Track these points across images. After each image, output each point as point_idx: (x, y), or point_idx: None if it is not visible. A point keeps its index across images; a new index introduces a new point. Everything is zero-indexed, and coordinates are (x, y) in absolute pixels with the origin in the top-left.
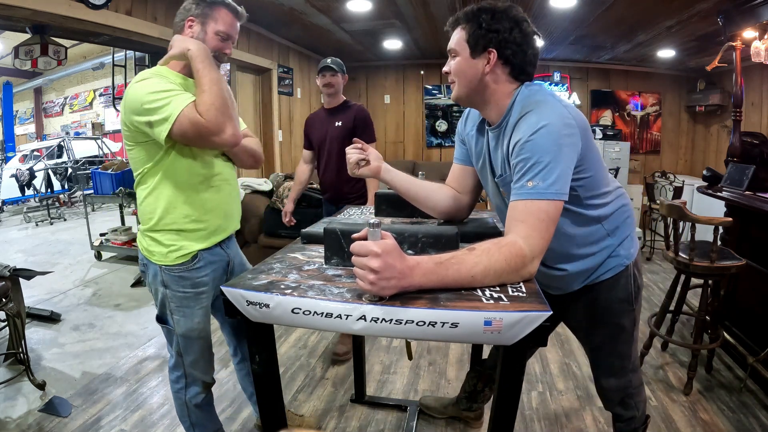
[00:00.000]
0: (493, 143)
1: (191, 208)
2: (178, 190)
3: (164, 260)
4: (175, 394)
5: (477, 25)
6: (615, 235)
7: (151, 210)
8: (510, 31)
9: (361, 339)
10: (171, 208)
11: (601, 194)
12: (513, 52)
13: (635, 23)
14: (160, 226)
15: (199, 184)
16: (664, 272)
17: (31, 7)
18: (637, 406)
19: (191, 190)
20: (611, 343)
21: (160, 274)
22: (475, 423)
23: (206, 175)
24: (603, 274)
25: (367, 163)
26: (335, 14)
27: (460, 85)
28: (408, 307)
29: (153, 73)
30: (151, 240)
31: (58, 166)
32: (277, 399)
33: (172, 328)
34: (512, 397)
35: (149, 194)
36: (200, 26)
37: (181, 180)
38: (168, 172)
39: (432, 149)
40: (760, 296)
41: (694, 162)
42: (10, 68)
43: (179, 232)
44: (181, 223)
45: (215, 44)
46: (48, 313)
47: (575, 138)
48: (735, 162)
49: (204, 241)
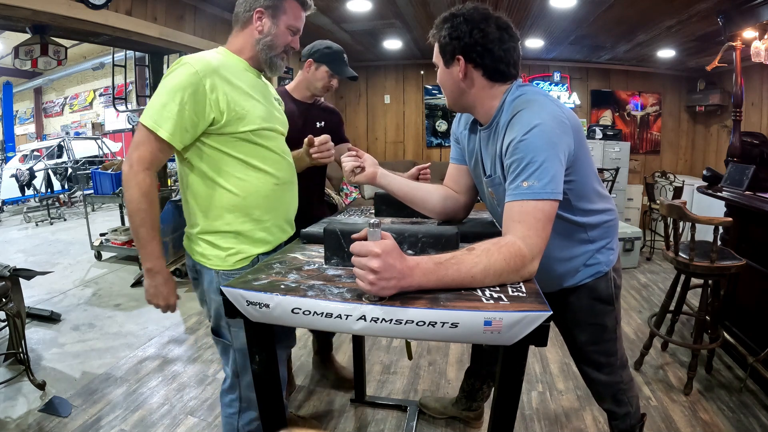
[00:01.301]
0: (484, 143)
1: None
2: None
3: (222, 264)
4: (226, 419)
5: (444, 35)
6: (595, 242)
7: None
8: (470, 35)
9: (361, 339)
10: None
11: (591, 200)
12: (478, 54)
13: (635, 23)
14: (215, 227)
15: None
16: (664, 272)
17: (31, 7)
18: (630, 401)
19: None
20: (596, 342)
21: (217, 280)
22: (475, 423)
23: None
24: (583, 279)
25: (362, 170)
26: (335, 14)
27: (446, 95)
28: (408, 307)
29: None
30: (206, 243)
31: (58, 166)
32: (277, 399)
33: (229, 342)
34: (512, 397)
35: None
36: (271, 20)
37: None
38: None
39: (432, 149)
40: (760, 296)
41: (694, 162)
42: (10, 68)
43: (237, 234)
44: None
45: (286, 39)
46: (48, 313)
47: (568, 137)
48: (735, 162)
49: (264, 245)
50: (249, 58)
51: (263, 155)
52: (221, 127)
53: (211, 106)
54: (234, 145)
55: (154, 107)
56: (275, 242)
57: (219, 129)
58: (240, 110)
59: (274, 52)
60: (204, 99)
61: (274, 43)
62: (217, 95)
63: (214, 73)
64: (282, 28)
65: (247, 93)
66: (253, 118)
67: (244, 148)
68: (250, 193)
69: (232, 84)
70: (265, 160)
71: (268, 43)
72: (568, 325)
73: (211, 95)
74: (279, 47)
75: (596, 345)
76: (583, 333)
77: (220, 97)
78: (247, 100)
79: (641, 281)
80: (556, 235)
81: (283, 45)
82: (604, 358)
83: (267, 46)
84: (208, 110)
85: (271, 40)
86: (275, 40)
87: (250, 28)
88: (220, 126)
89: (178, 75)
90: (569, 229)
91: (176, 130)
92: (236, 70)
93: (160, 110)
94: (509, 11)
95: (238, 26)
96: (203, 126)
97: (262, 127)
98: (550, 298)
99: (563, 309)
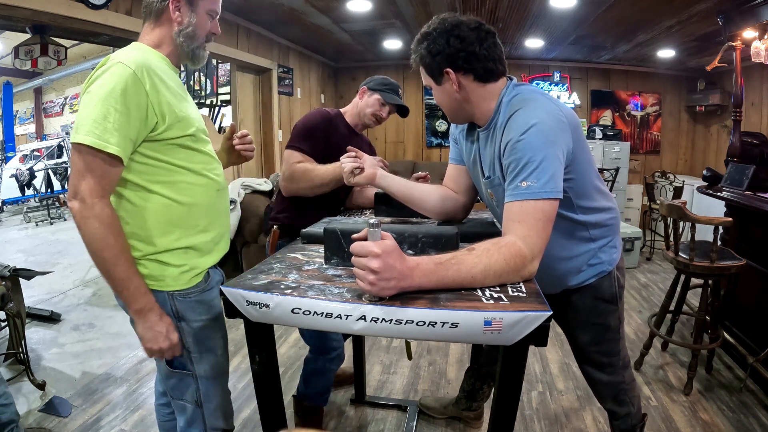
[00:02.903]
0: (483, 144)
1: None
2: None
3: (175, 284)
4: None
5: (424, 54)
6: (597, 240)
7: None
8: (449, 45)
9: (361, 339)
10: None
11: (592, 198)
12: (464, 60)
13: (635, 23)
14: (164, 245)
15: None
16: (664, 272)
17: (31, 7)
18: (632, 401)
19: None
20: (598, 342)
21: (171, 303)
22: (475, 423)
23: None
24: (587, 279)
25: (361, 171)
26: (335, 14)
27: (446, 112)
28: (408, 307)
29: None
30: (155, 264)
31: (58, 166)
32: (277, 399)
33: (190, 372)
34: (512, 397)
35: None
36: (189, 7)
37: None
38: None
39: (432, 149)
40: (760, 296)
41: (694, 162)
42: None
43: (188, 249)
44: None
45: (206, 26)
46: (48, 313)
47: (566, 134)
48: (735, 162)
49: (211, 257)
50: (168, 54)
51: (201, 160)
52: (160, 133)
53: (153, 111)
54: (172, 152)
55: (92, 120)
56: (221, 252)
57: (157, 135)
58: (179, 113)
59: (196, 42)
60: (146, 103)
61: (195, 33)
62: (158, 98)
63: (151, 72)
64: (202, 15)
65: (179, 93)
66: (191, 120)
67: (182, 153)
68: (195, 202)
69: (166, 84)
70: (204, 165)
71: (189, 34)
72: (570, 324)
73: (152, 98)
74: (201, 37)
75: (599, 345)
76: (585, 333)
77: (162, 100)
78: (181, 102)
79: (641, 281)
80: (557, 234)
81: (205, 33)
82: (607, 358)
83: (188, 37)
84: (151, 115)
85: (192, 30)
86: (196, 30)
87: (167, 20)
88: (159, 132)
89: (113, 78)
90: (571, 227)
91: (124, 143)
92: (164, 68)
93: (102, 123)
94: (509, 11)
95: (151, 19)
96: (144, 134)
97: (198, 129)
98: (553, 298)
99: (566, 309)
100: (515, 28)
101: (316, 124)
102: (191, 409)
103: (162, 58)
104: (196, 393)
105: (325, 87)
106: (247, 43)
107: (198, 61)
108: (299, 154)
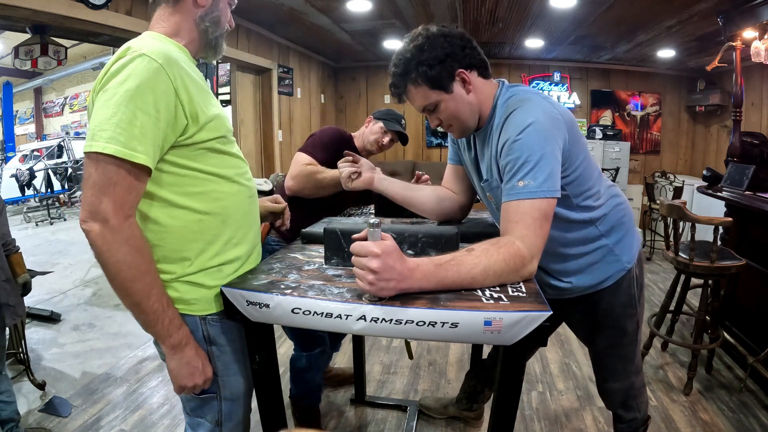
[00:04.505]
0: (480, 146)
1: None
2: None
3: (209, 308)
4: None
5: (426, 70)
6: (610, 235)
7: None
8: (449, 45)
9: (361, 339)
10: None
11: (592, 195)
12: (467, 56)
13: (635, 23)
14: (199, 265)
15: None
16: (664, 272)
17: (31, 7)
18: (639, 407)
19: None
20: (615, 346)
21: (203, 328)
22: (476, 423)
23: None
24: (604, 281)
25: (359, 176)
26: (335, 14)
27: (461, 123)
28: (408, 307)
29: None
30: (187, 286)
31: (58, 166)
32: (277, 399)
33: (215, 394)
34: (512, 397)
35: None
36: None
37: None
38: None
39: (432, 149)
40: (760, 296)
41: (694, 162)
42: (10, 68)
43: (222, 266)
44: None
45: (228, 14)
46: (48, 313)
47: (563, 133)
48: (735, 162)
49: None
50: (187, 44)
51: (232, 164)
52: (191, 136)
53: (184, 112)
54: (202, 158)
55: (114, 124)
56: (252, 265)
57: (187, 139)
58: (209, 112)
59: (220, 30)
60: (175, 103)
61: (220, 19)
62: (189, 96)
63: (178, 66)
64: (224, 4)
65: (205, 89)
66: (221, 120)
67: (213, 159)
68: (229, 213)
69: (193, 79)
70: (236, 170)
71: (215, 19)
72: (587, 329)
73: (182, 97)
74: (224, 24)
75: (615, 349)
76: (601, 337)
77: (193, 98)
78: (209, 99)
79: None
80: (566, 234)
81: (227, 21)
82: (621, 364)
83: (214, 22)
84: (180, 117)
85: (218, 15)
86: (222, 16)
87: (186, 5)
88: (189, 135)
89: (138, 73)
90: (577, 226)
91: (153, 150)
92: (187, 61)
93: (127, 127)
94: (509, 11)
95: (167, 4)
96: (172, 139)
97: (229, 130)
98: (568, 303)
99: (582, 312)
100: (515, 28)
101: (333, 138)
102: (209, 428)
103: (181, 49)
104: (218, 414)
105: (325, 87)
106: (247, 43)
107: (219, 52)
108: (309, 158)
